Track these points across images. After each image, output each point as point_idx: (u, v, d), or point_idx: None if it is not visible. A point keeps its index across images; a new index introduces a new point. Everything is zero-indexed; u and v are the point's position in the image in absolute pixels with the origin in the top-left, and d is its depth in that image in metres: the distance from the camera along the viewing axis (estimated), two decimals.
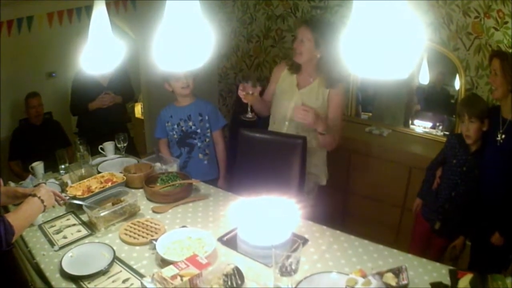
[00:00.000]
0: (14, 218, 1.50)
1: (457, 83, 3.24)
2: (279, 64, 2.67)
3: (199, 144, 2.81)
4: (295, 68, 2.51)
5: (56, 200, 1.78)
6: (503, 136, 2.21)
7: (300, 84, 2.50)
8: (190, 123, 2.77)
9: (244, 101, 2.39)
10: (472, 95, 2.62)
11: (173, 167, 2.56)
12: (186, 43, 1.37)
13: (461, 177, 2.36)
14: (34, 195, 1.65)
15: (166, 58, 1.42)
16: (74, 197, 2.13)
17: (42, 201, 1.65)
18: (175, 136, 2.81)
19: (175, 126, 2.79)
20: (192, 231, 1.87)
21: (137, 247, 1.82)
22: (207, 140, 2.84)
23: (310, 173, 2.54)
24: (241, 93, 2.37)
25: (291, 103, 2.48)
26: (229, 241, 1.85)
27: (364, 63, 1.00)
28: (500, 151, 2.22)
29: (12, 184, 2.28)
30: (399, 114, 3.78)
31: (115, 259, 1.71)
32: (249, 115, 2.39)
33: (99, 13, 1.93)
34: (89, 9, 3.75)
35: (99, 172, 2.54)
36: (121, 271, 1.66)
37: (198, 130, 2.79)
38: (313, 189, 2.64)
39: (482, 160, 2.30)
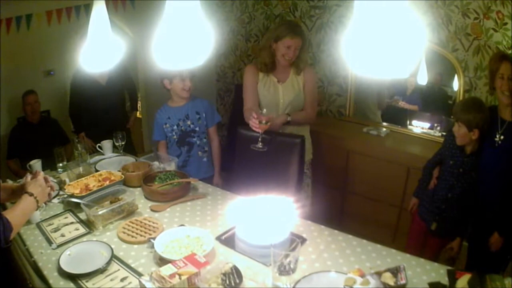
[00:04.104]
0: (12, 215, 1.50)
1: (456, 84, 3.25)
2: (249, 66, 2.75)
3: (198, 142, 2.81)
4: (270, 68, 2.67)
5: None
6: (502, 137, 2.18)
7: (280, 79, 2.68)
8: (189, 122, 2.77)
9: (257, 130, 2.32)
10: (471, 101, 2.42)
11: (171, 166, 2.56)
12: (186, 41, 1.37)
13: (458, 179, 2.34)
14: (31, 194, 1.63)
15: (165, 56, 1.42)
16: (72, 195, 2.13)
17: (35, 198, 1.64)
18: (175, 136, 2.81)
19: (175, 127, 2.79)
20: (190, 229, 1.87)
21: (135, 246, 1.82)
22: (206, 137, 2.85)
23: None
24: (254, 122, 2.30)
25: (279, 92, 2.66)
26: (227, 240, 1.84)
27: (365, 62, 1.00)
28: (498, 152, 2.20)
29: (10, 182, 2.27)
30: (372, 109, 3.86)
31: (113, 257, 1.70)
32: (260, 145, 2.32)
33: (99, 11, 1.92)
34: (88, 7, 3.76)
35: (97, 171, 2.54)
36: (119, 269, 1.66)
37: (197, 128, 2.79)
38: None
39: (480, 161, 2.27)
